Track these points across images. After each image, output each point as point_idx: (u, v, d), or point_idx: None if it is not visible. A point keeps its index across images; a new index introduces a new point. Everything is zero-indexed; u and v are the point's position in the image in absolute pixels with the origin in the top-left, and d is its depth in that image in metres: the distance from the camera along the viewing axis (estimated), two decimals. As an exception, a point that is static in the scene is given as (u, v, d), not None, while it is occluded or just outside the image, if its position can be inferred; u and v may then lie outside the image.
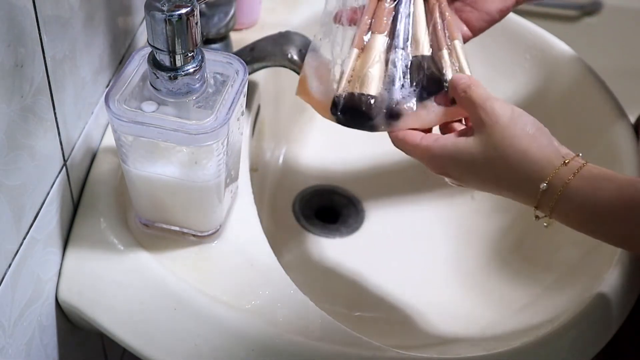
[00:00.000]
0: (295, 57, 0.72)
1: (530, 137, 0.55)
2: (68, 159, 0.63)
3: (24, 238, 0.56)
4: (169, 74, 0.55)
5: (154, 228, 0.64)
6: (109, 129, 0.71)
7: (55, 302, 0.64)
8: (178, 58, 0.54)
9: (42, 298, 0.61)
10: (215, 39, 0.80)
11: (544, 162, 0.54)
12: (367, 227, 0.92)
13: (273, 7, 0.94)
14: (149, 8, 0.52)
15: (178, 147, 0.57)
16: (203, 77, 0.57)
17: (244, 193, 0.69)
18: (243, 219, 0.67)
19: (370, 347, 0.59)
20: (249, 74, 0.62)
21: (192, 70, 0.55)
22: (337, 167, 0.98)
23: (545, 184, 0.53)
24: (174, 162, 0.58)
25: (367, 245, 0.89)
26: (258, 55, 0.73)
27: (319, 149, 0.99)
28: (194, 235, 0.64)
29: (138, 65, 0.58)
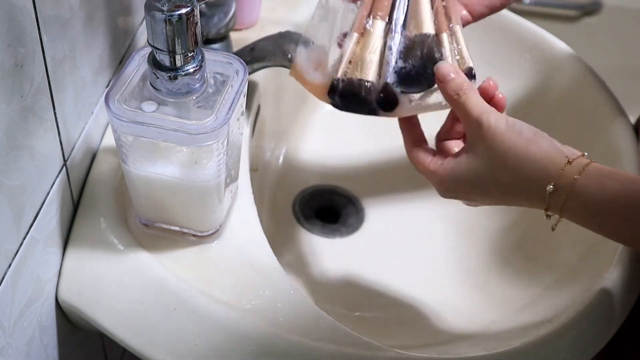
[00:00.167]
0: (296, 57, 0.72)
1: (528, 141, 0.55)
2: (68, 159, 0.63)
3: (24, 238, 0.56)
4: (169, 74, 0.55)
5: (154, 228, 0.64)
6: (109, 129, 0.71)
7: (55, 302, 0.64)
8: (178, 58, 0.54)
9: (42, 298, 0.61)
10: (215, 39, 0.80)
11: (547, 162, 0.54)
12: (367, 226, 0.92)
13: (273, 6, 0.94)
14: (149, 8, 0.52)
15: (178, 147, 0.57)
16: (203, 77, 0.57)
17: (244, 193, 0.69)
18: (243, 219, 0.67)
19: (370, 347, 0.59)
20: (249, 74, 0.62)
21: (192, 70, 0.55)
22: (337, 167, 0.98)
23: (552, 186, 0.53)
24: (174, 162, 0.58)
25: (367, 245, 0.89)
26: (258, 55, 0.73)
27: (319, 149, 0.99)
28: (194, 235, 0.64)
29: (138, 65, 0.58)
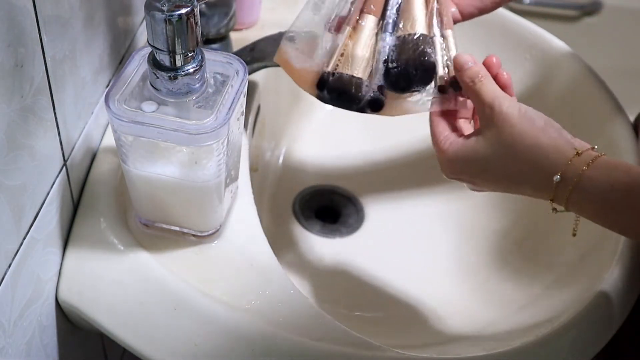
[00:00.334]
0: (295, 57, 0.72)
1: (539, 130, 0.55)
2: (68, 159, 0.63)
3: (24, 238, 0.56)
4: (169, 74, 0.55)
5: (154, 228, 0.64)
6: (109, 129, 0.71)
7: (55, 302, 0.64)
8: (178, 58, 0.54)
9: (42, 298, 0.61)
10: (215, 39, 0.80)
11: (555, 153, 0.54)
12: (367, 226, 0.92)
13: (273, 6, 0.94)
14: (149, 8, 0.52)
15: (178, 147, 0.57)
16: (203, 77, 0.56)
17: (244, 193, 0.69)
18: (243, 219, 0.67)
19: (370, 347, 0.59)
20: (249, 74, 0.62)
21: (192, 70, 0.55)
22: (336, 167, 0.98)
23: (559, 176, 0.53)
24: (174, 162, 0.58)
25: (367, 245, 0.89)
26: (258, 55, 0.73)
27: (319, 149, 0.99)
28: (194, 235, 0.64)
29: (138, 65, 0.58)
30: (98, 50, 0.66)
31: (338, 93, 0.62)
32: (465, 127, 0.63)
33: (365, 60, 0.61)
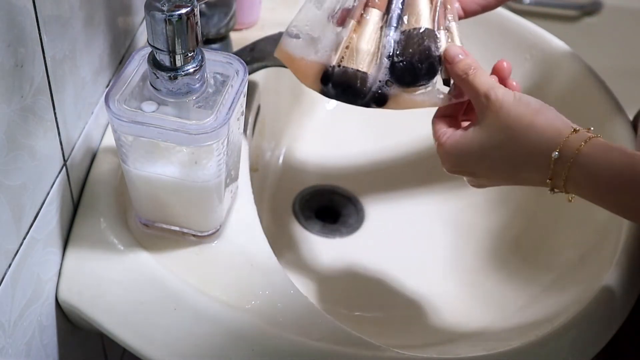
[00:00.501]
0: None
1: (535, 111, 0.55)
2: (68, 159, 0.63)
3: (24, 238, 0.56)
4: (169, 74, 0.55)
5: (154, 228, 0.64)
6: (109, 129, 0.71)
7: (55, 302, 0.64)
8: (178, 58, 0.54)
9: (42, 298, 0.61)
10: (215, 39, 0.80)
11: (553, 132, 0.54)
12: (367, 227, 0.92)
13: (273, 6, 0.94)
14: (149, 8, 0.52)
15: (178, 147, 0.57)
16: (203, 77, 0.57)
17: (244, 193, 0.69)
18: (243, 219, 0.67)
19: (370, 347, 0.59)
20: (249, 74, 0.62)
21: (192, 70, 0.55)
22: (336, 166, 0.98)
23: (557, 153, 0.53)
24: (174, 162, 0.58)
25: (367, 245, 0.89)
26: (258, 55, 0.73)
27: (319, 149, 0.99)
28: (194, 235, 0.64)
29: (138, 65, 0.58)
30: (98, 50, 0.66)
31: (343, 88, 0.61)
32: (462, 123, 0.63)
33: (370, 55, 0.61)
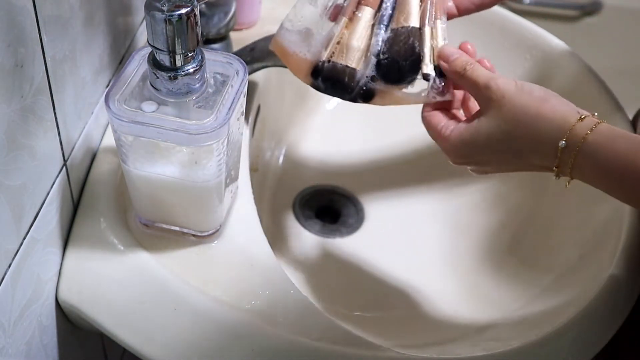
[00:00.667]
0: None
1: (540, 100, 0.55)
2: (68, 159, 0.63)
3: (24, 238, 0.56)
4: (169, 74, 0.55)
5: (154, 228, 0.64)
6: (109, 129, 0.71)
7: (55, 302, 0.64)
8: (178, 58, 0.54)
9: (42, 298, 0.61)
10: (215, 39, 0.80)
11: (560, 119, 0.54)
12: (367, 226, 0.92)
13: (273, 6, 0.93)
14: (149, 8, 0.52)
15: (178, 147, 0.57)
16: (203, 77, 0.57)
17: (244, 193, 0.69)
18: (243, 219, 0.67)
19: (370, 347, 0.59)
20: (249, 74, 0.62)
21: (192, 70, 0.55)
22: (336, 166, 0.98)
23: (564, 142, 0.53)
24: (174, 162, 0.58)
25: (367, 245, 0.89)
26: (258, 55, 0.73)
27: (319, 149, 0.99)
28: (194, 235, 0.64)
29: (138, 65, 0.58)
30: (98, 50, 0.66)
31: (332, 82, 0.62)
32: (460, 115, 0.63)
33: (360, 51, 0.62)
